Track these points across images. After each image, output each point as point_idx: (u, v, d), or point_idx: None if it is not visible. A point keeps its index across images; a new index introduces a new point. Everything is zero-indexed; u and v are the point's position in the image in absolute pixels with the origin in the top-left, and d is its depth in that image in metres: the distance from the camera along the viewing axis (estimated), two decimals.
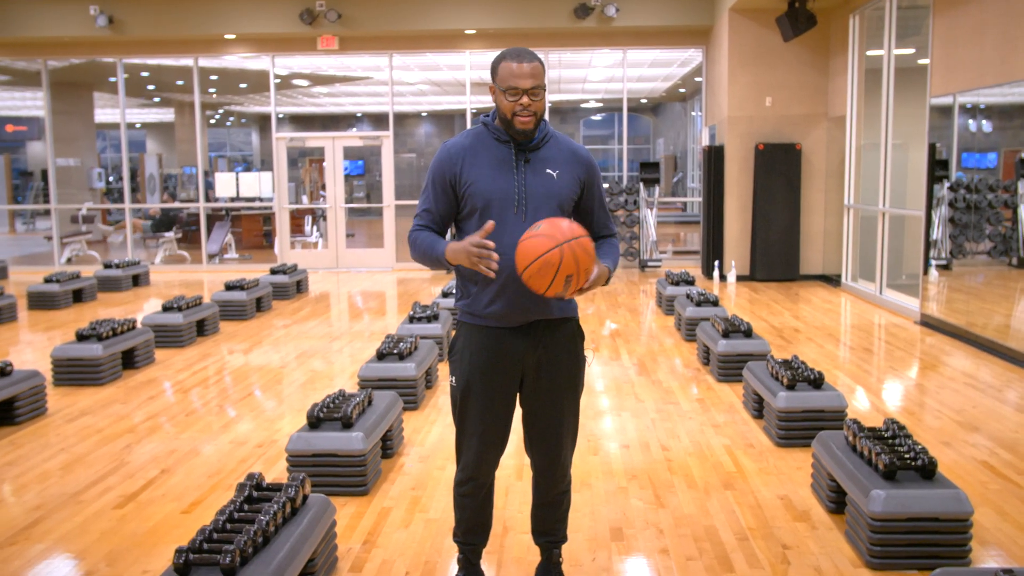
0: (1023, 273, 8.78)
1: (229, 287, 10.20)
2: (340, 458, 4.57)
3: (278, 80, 15.64)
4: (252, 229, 18.18)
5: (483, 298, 3.22)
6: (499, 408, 3.30)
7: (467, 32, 14.52)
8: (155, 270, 15.12)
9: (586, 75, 19.39)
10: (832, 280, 12.53)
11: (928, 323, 9.19)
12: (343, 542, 4.02)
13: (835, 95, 12.46)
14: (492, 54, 15.10)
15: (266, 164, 28.75)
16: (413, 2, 14.10)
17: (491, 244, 2.95)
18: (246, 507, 3.47)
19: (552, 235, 2.90)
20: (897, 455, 3.93)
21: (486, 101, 17.87)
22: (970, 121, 9.36)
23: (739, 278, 12.92)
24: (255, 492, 3.59)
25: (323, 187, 18.59)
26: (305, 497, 3.65)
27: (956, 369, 7.37)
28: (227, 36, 14.67)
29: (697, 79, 17.53)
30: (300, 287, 12.27)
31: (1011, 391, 6.64)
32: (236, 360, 8.05)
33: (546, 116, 3.35)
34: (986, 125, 9.36)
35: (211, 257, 15.83)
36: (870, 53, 11.46)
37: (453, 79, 18.99)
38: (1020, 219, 8.64)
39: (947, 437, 5.50)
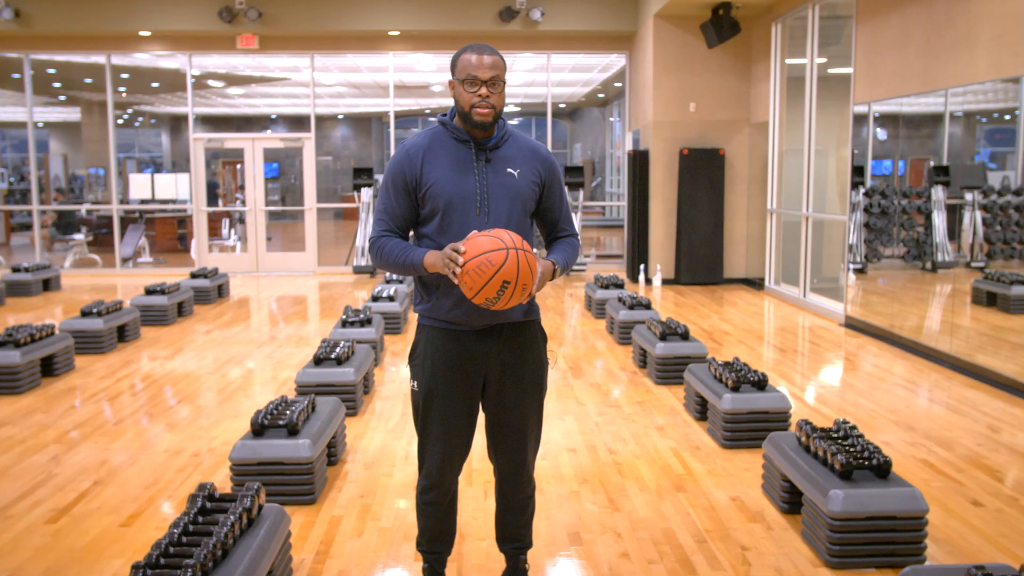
0: (936, 277, 9.01)
1: (149, 291, 9.86)
2: (287, 466, 4.42)
3: (192, 80, 15.25)
4: (166, 232, 17.69)
5: (445, 302, 3.14)
6: (462, 413, 3.23)
7: (391, 33, 14.37)
8: (65, 274, 14.57)
9: (508, 79, 19.36)
10: (755, 284, 12.73)
11: (852, 325, 9.38)
12: (295, 553, 3.88)
13: (757, 101, 12.67)
14: (416, 56, 15.03)
15: (177, 166, 28.06)
16: (336, 2, 13.90)
17: (462, 248, 2.88)
18: (200, 519, 3.32)
19: (500, 237, 2.87)
20: (852, 455, 3.96)
21: (408, 104, 17.73)
22: (877, 130, 9.60)
23: (664, 282, 13.03)
24: (208, 503, 3.44)
25: (238, 190, 18.21)
26: (260, 507, 3.51)
27: (885, 370, 7.52)
28: (142, 33, 14.24)
29: (617, 84, 17.68)
30: (221, 291, 11.96)
31: (940, 391, 6.80)
32: (161, 367, 7.78)
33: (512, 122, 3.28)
34: (903, 132, 9.60)
35: (124, 261, 15.34)
36: (790, 61, 11.68)
37: (372, 81, 18.78)
38: (934, 225, 8.87)
39: (885, 437, 5.59)
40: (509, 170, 3.15)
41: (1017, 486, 4.73)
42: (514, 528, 3.44)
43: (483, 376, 3.22)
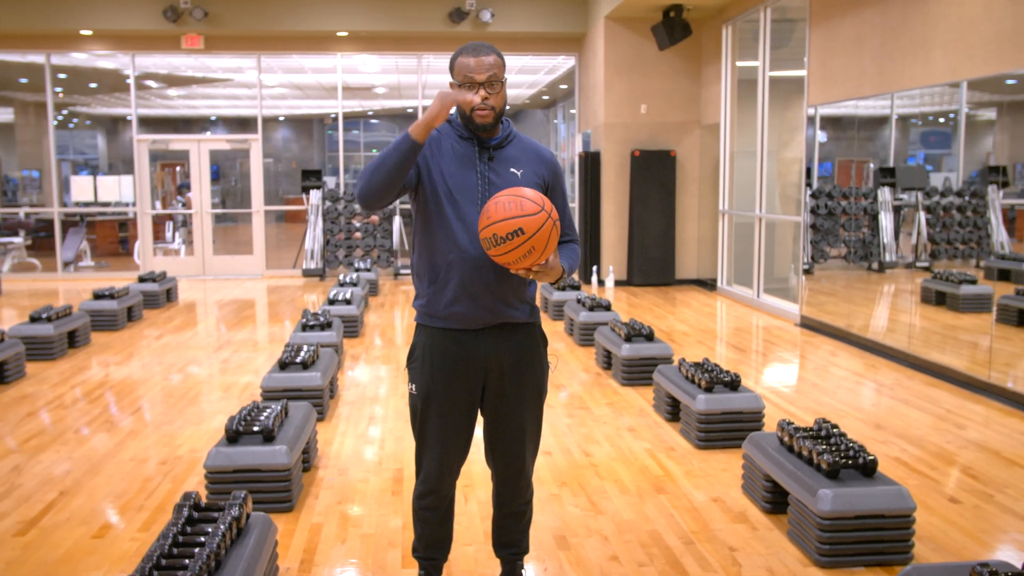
0: (884, 277, 9.17)
1: (98, 296, 9.59)
2: (264, 473, 4.32)
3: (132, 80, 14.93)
4: (107, 235, 17.29)
5: (443, 296, 3.07)
6: (461, 416, 3.17)
7: (339, 34, 14.21)
8: (4, 279, 14.14)
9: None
10: (707, 284, 12.83)
11: (808, 325, 9.49)
12: (279, 561, 3.79)
13: (708, 103, 12.77)
14: (361, 57, 14.86)
15: (113, 168, 27.47)
16: (284, 2, 13.70)
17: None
18: (188, 529, 3.22)
19: (541, 199, 2.85)
20: (838, 454, 3.98)
21: (351, 105, 17.55)
22: (819, 132, 9.75)
23: (616, 283, 13.07)
24: (195, 513, 3.34)
25: (179, 192, 17.86)
26: (247, 516, 3.42)
27: (845, 369, 7.62)
28: (84, 32, 13.90)
29: (563, 86, 17.70)
30: (170, 295, 11.72)
31: (901, 389, 6.90)
32: (115, 373, 7.58)
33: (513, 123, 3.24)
34: (843, 135, 9.76)
35: (66, 265, 14.95)
36: (741, 63, 11.79)
37: (316, 83, 18.57)
38: (881, 226, 9.01)
39: (855, 435, 5.65)
40: (512, 170, 3.11)
41: (991, 482, 4.80)
42: (512, 534, 3.39)
43: (482, 379, 3.16)
